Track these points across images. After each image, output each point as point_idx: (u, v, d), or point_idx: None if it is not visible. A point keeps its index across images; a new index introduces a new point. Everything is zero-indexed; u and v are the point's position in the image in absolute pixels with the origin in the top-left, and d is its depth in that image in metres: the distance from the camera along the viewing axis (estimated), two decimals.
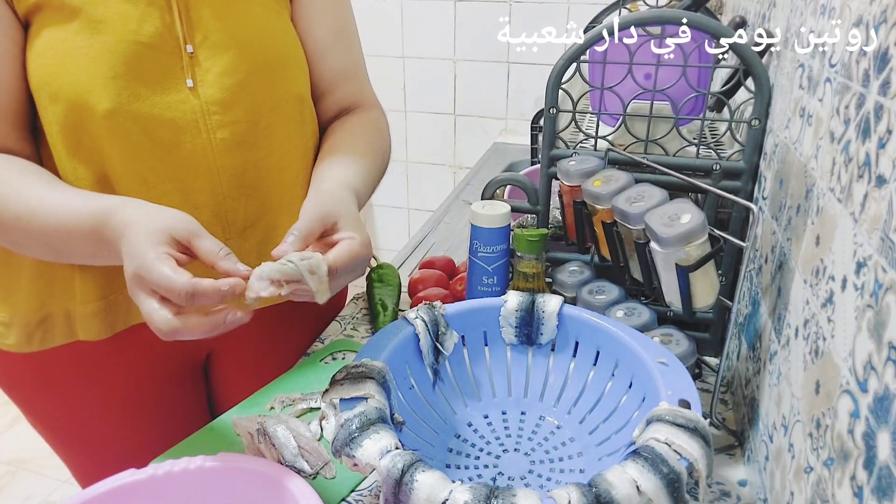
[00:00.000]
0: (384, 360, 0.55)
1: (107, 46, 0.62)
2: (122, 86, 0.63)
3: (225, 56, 0.68)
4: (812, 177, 0.51)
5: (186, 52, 0.66)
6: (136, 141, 0.65)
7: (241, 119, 0.70)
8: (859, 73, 0.42)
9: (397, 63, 2.03)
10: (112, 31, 0.63)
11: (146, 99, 0.65)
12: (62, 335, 0.72)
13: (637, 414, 0.55)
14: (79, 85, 0.62)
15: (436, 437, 0.59)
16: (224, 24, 0.68)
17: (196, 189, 0.69)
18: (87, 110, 0.62)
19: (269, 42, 0.72)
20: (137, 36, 0.64)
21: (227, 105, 0.68)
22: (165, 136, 0.66)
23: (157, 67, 0.65)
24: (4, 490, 1.83)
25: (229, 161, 0.70)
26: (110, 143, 0.64)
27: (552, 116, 0.73)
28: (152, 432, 0.80)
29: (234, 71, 0.69)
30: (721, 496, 0.61)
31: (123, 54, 0.63)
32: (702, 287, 0.61)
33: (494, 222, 0.72)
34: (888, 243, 0.35)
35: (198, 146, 0.68)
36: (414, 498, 0.42)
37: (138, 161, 0.66)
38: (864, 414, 0.36)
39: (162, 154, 0.66)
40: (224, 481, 0.51)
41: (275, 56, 0.73)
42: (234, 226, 0.73)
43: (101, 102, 0.62)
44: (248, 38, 0.70)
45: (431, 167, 2.15)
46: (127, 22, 0.63)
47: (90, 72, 0.62)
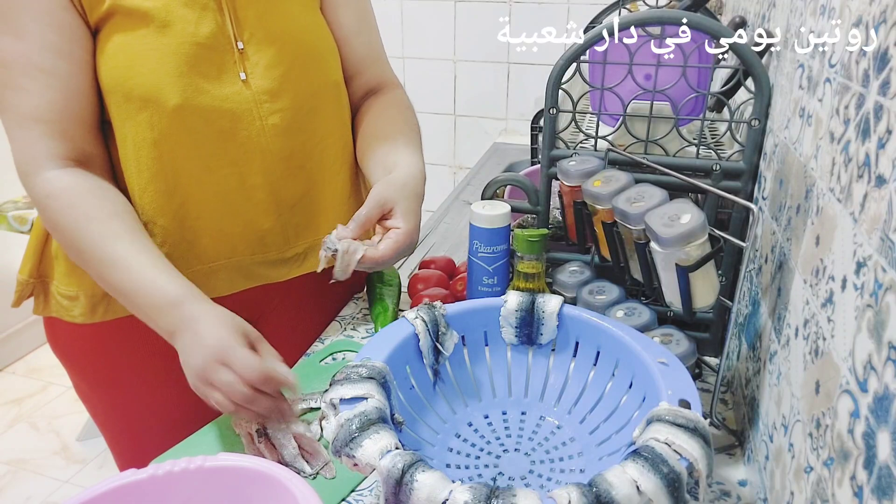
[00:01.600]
0: (384, 360, 0.55)
1: (171, 48, 0.69)
2: (186, 82, 0.70)
3: (269, 50, 0.76)
4: (812, 177, 0.51)
5: (238, 48, 0.74)
6: (199, 131, 0.72)
7: (289, 106, 0.77)
8: (859, 73, 0.42)
9: (397, 63, 2.03)
10: (175, 33, 0.70)
11: (207, 93, 0.72)
12: (124, 308, 0.75)
13: (637, 414, 0.55)
14: (151, 83, 0.69)
15: (436, 437, 0.59)
16: (266, 22, 0.76)
17: (252, 171, 0.77)
18: (158, 105, 0.69)
19: (305, 36, 0.80)
20: (196, 37, 0.71)
21: (276, 94, 0.76)
22: (225, 125, 0.73)
23: (214, 64, 0.72)
24: (4, 490, 1.83)
25: (280, 144, 0.78)
26: (177, 134, 0.71)
27: (552, 117, 0.73)
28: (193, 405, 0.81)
29: (278, 63, 0.76)
30: (721, 496, 0.61)
31: (186, 54, 0.70)
32: (702, 287, 0.61)
33: (494, 222, 0.72)
34: (888, 243, 0.35)
35: (253, 132, 0.75)
36: (414, 498, 0.42)
37: (202, 149, 0.73)
38: (864, 414, 0.36)
39: (222, 141, 0.74)
40: (224, 481, 0.51)
41: (312, 48, 0.80)
42: (286, 202, 0.81)
43: (171, 98, 0.69)
44: (289, 33, 0.78)
45: (431, 167, 2.13)
46: (187, 25, 0.70)
47: (159, 71, 0.69)
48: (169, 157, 0.72)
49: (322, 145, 0.82)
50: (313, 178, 0.83)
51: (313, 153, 0.82)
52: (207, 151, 0.74)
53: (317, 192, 0.84)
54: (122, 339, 0.80)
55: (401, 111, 0.88)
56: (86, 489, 0.48)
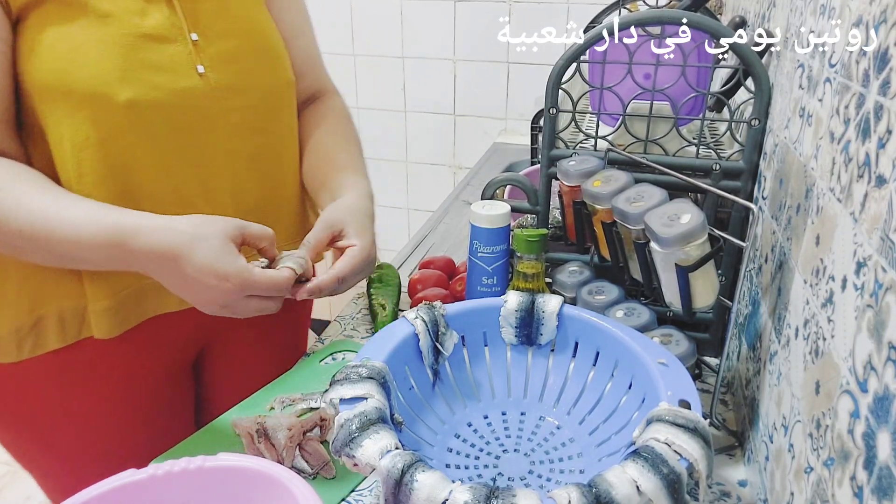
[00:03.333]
0: (384, 360, 0.55)
1: (115, 39, 0.64)
2: (137, 76, 0.65)
3: (228, 44, 0.72)
4: (812, 177, 0.51)
5: (191, 39, 0.69)
6: (156, 129, 0.67)
7: (251, 104, 0.74)
8: (859, 73, 0.42)
9: (397, 63, 2.03)
10: (117, 24, 0.64)
11: (162, 87, 0.66)
12: (55, 339, 0.70)
13: (637, 414, 0.55)
14: (96, 77, 0.63)
15: (435, 438, 0.59)
16: (222, 15, 0.72)
17: (214, 173, 0.72)
18: (106, 102, 0.63)
19: (263, 30, 0.77)
20: (141, 28, 0.65)
21: (238, 90, 0.72)
22: (185, 123, 0.69)
23: (167, 57, 0.67)
24: (4, 490, 1.83)
25: (243, 145, 0.74)
26: (130, 133, 0.65)
27: (552, 116, 0.73)
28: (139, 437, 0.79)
29: (238, 57, 0.72)
30: (721, 496, 0.61)
31: (131, 46, 0.64)
32: (702, 287, 0.61)
33: (494, 222, 0.72)
34: (888, 243, 0.35)
35: (213, 130, 0.71)
36: (414, 498, 0.42)
37: (159, 150, 0.68)
38: (864, 414, 0.36)
39: (181, 141, 0.69)
40: (224, 481, 0.51)
41: (270, 43, 0.77)
42: (246, 205, 0.76)
43: (120, 93, 0.64)
44: (246, 26, 0.74)
45: (431, 167, 2.14)
46: (130, 15, 0.65)
47: (104, 65, 0.63)
48: (119, 158, 0.66)
49: (280, 147, 0.80)
50: (272, 182, 0.79)
51: (273, 155, 0.79)
52: (166, 150, 0.68)
53: (274, 196, 0.80)
54: (55, 378, 0.72)
55: (342, 126, 0.87)
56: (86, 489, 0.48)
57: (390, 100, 2.08)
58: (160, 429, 0.80)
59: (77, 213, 0.61)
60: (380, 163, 2.17)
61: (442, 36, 1.96)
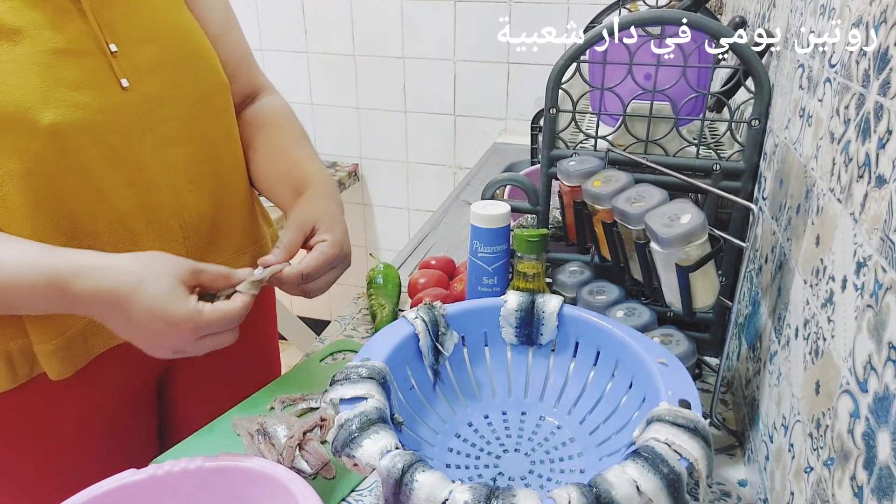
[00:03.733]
0: (384, 360, 0.55)
1: (29, 58, 0.59)
2: (58, 96, 0.60)
3: (148, 51, 0.68)
4: (812, 177, 0.51)
5: (110, 50, 0.64)
6: (84, 151, 0.62)
7: (182, 113, 0.70)
8: (859, 73, 0.42)
9: (397, 63, 2.03)
10: (30, 41, 0.59)
11: (86, 106, 0.62)
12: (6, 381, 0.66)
13: (637, 414, 0.55)
14: (12, 101, 0.58)
15: (436, 438, 0.59)
16: (137, 21, 0.67)
17: (151, 190, 0.68)
18: (28, 126, 0.59)
19: (184, 34, 0.72)
20: (56, 43, 0.61)
21: (164, 101, 0.69)
22: (114, 141, 0.64)
23: (86, 72, 0.63)
24: None
25: (176, 157, 0.70)
26: (58, 159, 0.61)
27: (552, 117, 0.73)
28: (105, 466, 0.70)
29: (162, 66, 0.69)
30: (721, 496, 0.61)
31: (47, 64, 0.60)
32: (702, 287, 0.61)
33: (494, 222, 0.72)
34: (888, 243, 0.35)
35: (146, 146, 0.67)
36: (414, 498, 0.42)
37: (90, 172, 0.63)
38: (864, 414, 0.36)
39: (113, 160, 0.65)
40: (224, 481, 0.51)
41: (194, 47, 0.73)
42: (190, 222, 0.72)
43: (42, 116, 0.59)
44: (165, 31, 0.70)
45: (431, 167, 2.14)
46: (41, 30, 0.60)
47: (21, 88, 0.58)
48: (48, 188, 0.61)
49: (217, 154, 0.75)
50: (216, 192, 0.75)
51: (211, 164, 0.74)
52: (97, 173, 0.63)
53: (221, 207, 0.76)
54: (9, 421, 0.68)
55: (289, 123, 0.84)
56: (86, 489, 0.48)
57: (390, 100, 2.08)
58: (123, 457, 0.69)
59: (11, 259, 0.57)
60: (380, 163, 2.17)
61: (442, 36, 1.96)
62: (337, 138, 2.18)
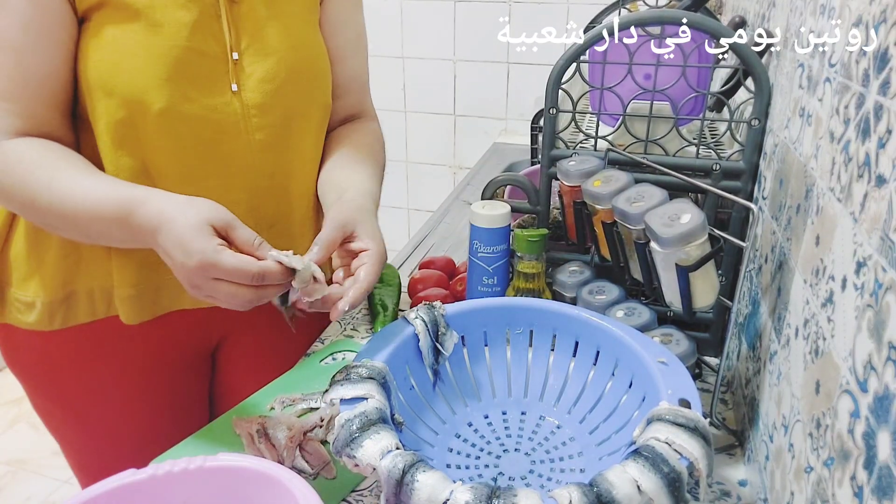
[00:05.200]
0: (384, 360, 0.55)
1: (162, 50, 0.66)
2: (174, 87, 0.67)
3: (266, 63, 0.73)
4: (812, 177, 0.51)
5: (232, 58, 0.71)
6: (183, 139, 0.69)
7: (277, 123, 0.75)
8: (859, 72, 0.42)
9: (397, 63, 2.03)
10: (167, 35, 0.66)
11: (195, 101, 0.69)
12: (85, 313, 0.74)
13: (637, 413, 0.55)
14: (136, 84, 0.66)
15: (435, 438, 0.59)
16: (267, 33, 0.73)
17: (234, 186, 0.74)
18: (141, 107, 0.66)
19: (305, 52, 0.77)
20: (190, 42, 0.68)
21: (266, 109, 0.73)
22: (210, 136, 0.70)
23: (205, 72, 0.69)
24: (4, 490, 1.83)
25: (264, 161, 0.75)
26: (159, 139, 0.68)
27: (552, 116, 0.73)
28: (160, 419, 0.83)
29: (273, 77, 0.73)
30: (721, 496, 0.61)
31: (176, 58, 0.67)
32: (702, 287, 0.61)
33: (494, 222, 0.72)
34: (888, 243, 0.35)
35: (238, 146, 0.73)
36: (415, 498, 0.42)
37: (183, 157, 0.70)
38: (864, 414, 0.36)
39: (205, 152, 0.71)
40: (224, 481, 0.51)
41: (309, 65, 0.78)
42: (265, 220, 0.77)
43: (155, 102, 0.66)
44: (288, 46, 0.75)
45: (431, 167, 2.14)
46: (181, 28, 0.67)
47: (146, 72, 0.66)
48: (149, 159, 0.69)
49: (302, 165, 0.80)
50: (290, 199, 0.80)
51: (294, 173, 0.79)
52: (189, 161, 0.71)
53: (292, 213, 0.81)
54: (84, 350, 0.77)
55: (371, 143, 0.86)
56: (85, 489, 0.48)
57: (390, 100, 2.08)
58: (177, 413, 0.84)
59: (98, 188, 0.63)
60: None
61: (442, 36, 1.96)
62: None
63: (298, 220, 0.82)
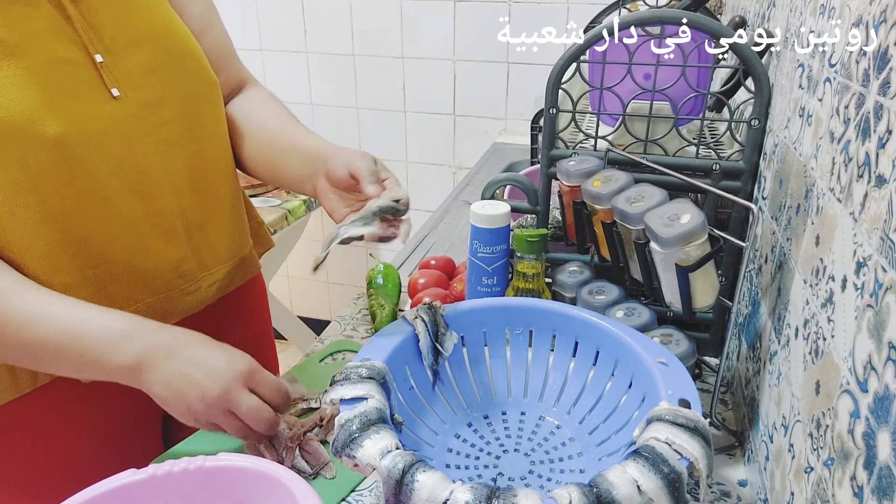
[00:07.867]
0: (384, 360, 0.55)
1: (31, 70, 0.59)
2: (60, 107, 0.60)
3: (139, 56, 0.67)
4: (812, 177, 0.51)
5: (96, 61, 0.63)
6: (89, 160, 0.62)
7: (178, 114, 0.70)
8: (859, 73, 0.42)
9: (397, 63, 2.03)
10: (29, 53, 0.59)
11: (86, 115, 0.62)
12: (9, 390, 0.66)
13: (637, 414, 0.55)
14: (21, 114, 0.58)
15: (435, 438, 0.59)
16: (126, 24, 0.67)
17: (155, 195, 0.68)
18: (34, 138, 0.58)
19: (174, 32, 0.71)
20: (52, 54, 0.60)
21: (159, 104, 0.68)
22: (115, 149, 0.64)
23: (81, 82, 0.63)
24: None
25: (176, 159, 0.70)
26: (63, 168, 0.61)
27: (552, 116, 0.73)
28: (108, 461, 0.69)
29: (154, 67, 0.68)
30: (721, 496, 0.61)
31: (48, 74, 0.60)
32: (702, 287, 0.61)
33: (494, 222, 0.72)
34: (888, 243, 0.35)
35: (146, 151, 0.67)
36: (415, 498, 0.42)
37: (96, 181, 0.63)
38: (864, 414, 0.36)
39: (116, 168, 0.65)
40: (224, 481, 0.51)
41: (183, 46, 0.72)
42: (194, 223, 0.73)
43: (48, 127, 0.59)
44: (154, 32, 0.69)
45: (431, 167, 2.14)
46: (38, 41, 0.60)
47: (25, 99, 0.58)
48: (55, 199, 0.60)
49: (212, 153, 0.76)
50: (211, 191, 0.75)
51: (209, 163, 0.74)
52: (102, 183, 0.63)
53: (215, 205, 0.76)
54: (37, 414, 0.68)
55: (275, 104, 0.83)
56: (85, 489, 0.48)
57: (390, 100, 2.08)
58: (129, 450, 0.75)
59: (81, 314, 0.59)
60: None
61: (442, 36, 1.96)
62: (336, 138, 2.16)
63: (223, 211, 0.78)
